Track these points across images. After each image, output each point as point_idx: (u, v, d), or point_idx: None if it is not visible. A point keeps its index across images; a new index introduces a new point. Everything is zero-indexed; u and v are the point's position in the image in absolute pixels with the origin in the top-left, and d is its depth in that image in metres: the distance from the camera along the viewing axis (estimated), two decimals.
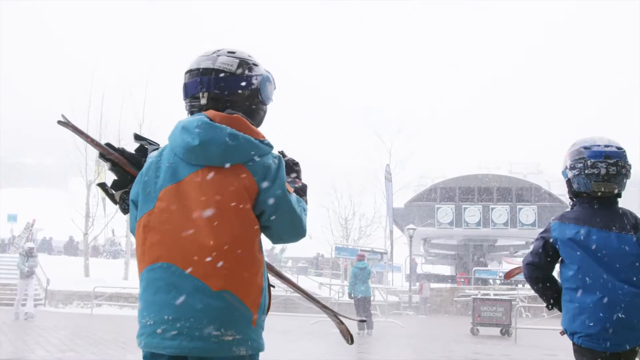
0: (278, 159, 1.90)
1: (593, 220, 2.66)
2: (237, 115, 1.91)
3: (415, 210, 35.96)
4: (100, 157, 2.11)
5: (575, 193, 2.77)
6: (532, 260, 2.79)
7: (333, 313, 2.44)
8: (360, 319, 2.80)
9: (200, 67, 1.98)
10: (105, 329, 13.00)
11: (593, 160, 2.65)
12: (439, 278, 36.22)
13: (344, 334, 2.45)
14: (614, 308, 2.55)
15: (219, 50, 2.02)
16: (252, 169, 1.84)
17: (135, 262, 1.95)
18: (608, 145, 2.68)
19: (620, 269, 2.58)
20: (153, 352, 1.83)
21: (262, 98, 2.03)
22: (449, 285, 30.59)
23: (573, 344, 2.67)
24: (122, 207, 2.08)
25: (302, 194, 2.03)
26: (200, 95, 1.96)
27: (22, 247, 22.68)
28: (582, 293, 2.61)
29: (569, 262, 2.67)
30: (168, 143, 1.93)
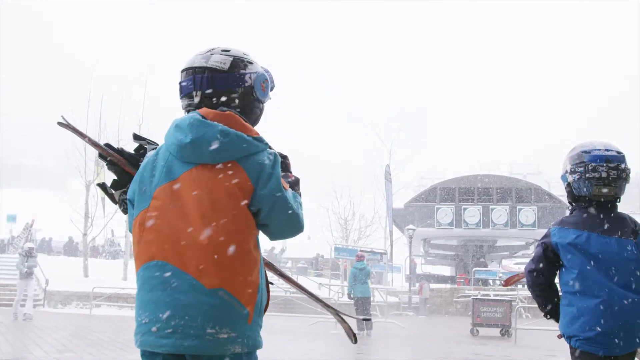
0: (273, 156, 1.89)
1: (593, 225, 2.66)
2: (229, 112, 1.89)
3: (415, 211, 35.93)
4: (100, 157, 2.11)
5: (575, 198, 2.77)
6: (534, 267, 2.77)
7: (335, 312, 2.43)
8: (364, 317, 2.83)
9: (194, 65, 1.98)
10: (104, 330, 12.98)
11: (594, 164, 2.65)
12: (439, 278, 36.21)
13: (348, 333, 2.44)
14: (612, 313, 2.55)
15: (214, 49, 2.01)
16: (246, 166, 1.83)
17: (134, 262, 1.96)
18: (608, 150, 2.68)
19: (619, 274, 2.58)
20: (149, 350, 1.83)
21: (256, 96, 2.01)
22: (449, 286, 30.54)
23: (570, 348, 2.67)
24: (121, 207, 2.09)
25: (296, 188, 2.01)
26: (194, 94, 1.96)
27: (21, 247, 22.66)
28: (580, 297, 2.61)
29: (569, 266, 2.66)
30: (164, 142, 1.94)
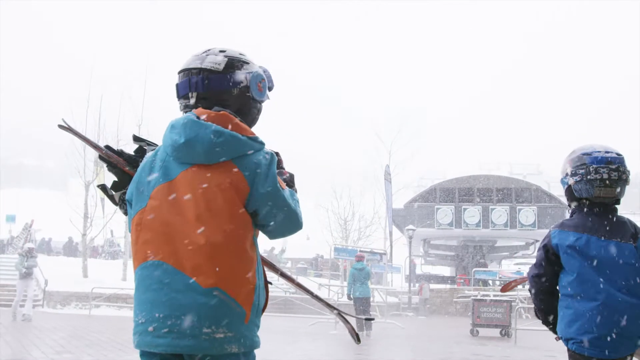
0: (270, 156, 1.88)
1: (593, 228, 2.66)
2: (223, 112, 1.90)
3: (415, 211, 35.89)
4: (100, 158, 2.13)
5: (575, 200, 2.76)
6: (538, 272, 2.76)
7: (338, 312, 2.43)
8: (367, 317, 2.80)
9: (190, 67, 1.98)
10: (103, 330, 12.95)
11: (595, 166, 2.65)
12: (439, 279, 36.18)
13: (351, 334, 2.43)
14: (610, 316, 2.55)
15: (210, 50, 2.01)
16: (242, 166, 1.83)
17: (132, 262, 1.97)
18: (608, 152, 2.69)
19: (618, 278, 2.58)
20: (146, 350, 1.83)
21: (253, 96, 2.00)
22: (449, 286, 30.50)
23: (568, 350, 2.68)
24: (122, 208, 2.09)
25: (291, 185, 2.02)
26: (190, 95, 1.97)
27: (20, 247, 22.63)
28: (578, 300, 2.62)
29: (568, 269, 2.67)
30: (162, 143, 1.96)
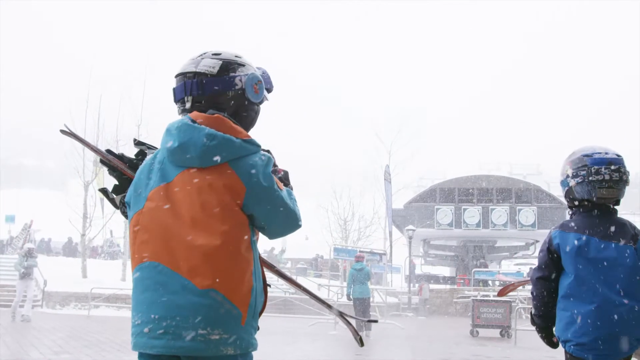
0: (266, 158, 1.88)
1: (593, 230, 2.65)
2: (217, 115, 1.89)
3: (415, 211, 35.85)
4: (101, 162, 2.16)
5: (576, 202, 2.75)
6: (542, 275, 2.73)
7: (339, 313, 2.41)
8: (370, 320, 2.77)
9: (185, 71, 1.99)
10: (102, 331, 12.92)
11: (597, 167, 2.66)
12: (439, 279, 36.14)
13: (354, 336, 2.41)
14: (607, 319, 2.54)
15: (205, 53, 2.02)
16: (237, 169, 1.83)
17: (130, 263, 1.98)
18: (608, 153, 2.70)
19: (617, 280, 2.58)
20: (141, 352, 1.82)
21: (248, 98, 1.99)
22: (449, 287, 30.47)
23: (565, 352, 2.67)
24: (122, 211, 2.10)
25: (287, 182, 2.02)
26: (185, 99, 1.98)
27: (20, 247, 22.60)
28: (576, 302, 2.61)
29: (567, 270, 2.66)
30: (160, 146, 1.97)
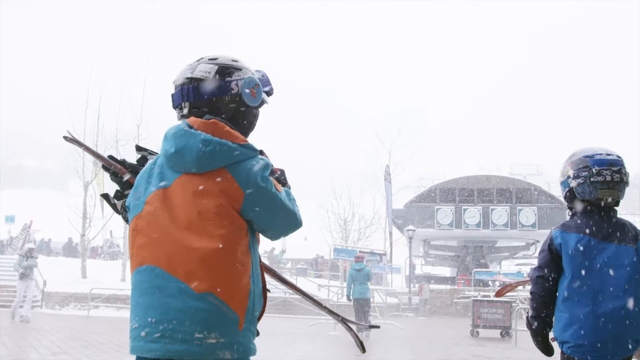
0: (264, 162, 1.88)
1: (594, 230, 2.64)
2: (214, 120, 1.89)
3: (415, 212, 35.82)
4: (103, 168, 2.18)
5: (577, 203, 2.74)
6: (542, 274, 2.71)
7: (341, 319, 2.39)
8: (371, 325, 2.74)
9: (182, 77, 2.00)
10: (101, 331, 12.89)
11: (598, 168, 2.65)
12: (439, 279, 36.09)
13: (356, 342, 2.42)
14: (607, 320, 2.53)
15: (202, 58, 2.02)
16: (234, 173, 1.83)
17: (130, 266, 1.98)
18: (609, 154, 2.70)
19: (616, 281, 2.56)
20: (139, 355, 1.81)
21: (245, 102, 1.98)
22: (449, 287, 30.42)
23: (562, 353, 2.66)
24: (123, 216, 2.11)
25: (284, 182, 2.01)
26: (183, 105, 1.98)
27: (20, 248, 22.57)
28: (576, 303, 2.59)
29: (567, 271, 2.64)
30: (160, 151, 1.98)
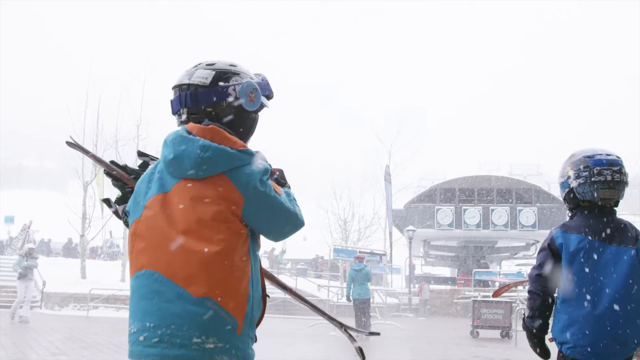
0: (263, 167, 1.87)
1: (594, 231, 2.63)
2: (212, 126, 1.89)
3: (415, 212, 35.81)
4: (105, 173, 2.19)
5: (576, 204, 2.73)
6: (542, 272, 2.67)
7: (340, 325, 2.40)
8: (371, 332, 2.71)
9: (180, 83, 2.00)
10: (100, 332, 12.87)
11: (599, 168, 2.65)
12: (439, 280, 36.05)
13: (357, 350, 2.39)
14: (606, 321, 2.52)
15: (199, 64, 2.02)
16: (234, 178, 1.83)
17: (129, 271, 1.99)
18: (609, 154, 2.71)
19: (615, 282, 2.55)
20: None
21: (243, 107, 1.97)
22: (449, 287, 30.38)
23: (559, 352, 2.65)
24: (124, 220, 2.11)
25: (283, 182, 2.01)
26: (181, 112, 1.99)
27: (19, 248, 22.53)
28: (575, 304, 2.58)
29: (567, 271, 2.62)
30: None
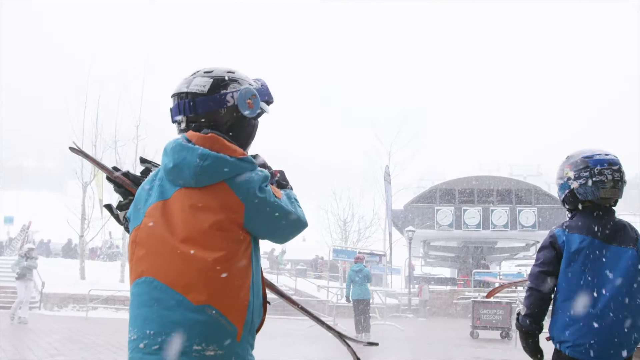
0: (262, 174, 1.87)
1: (595, 231, 2.63)
2: (211, 135, 1.88)
3: (415, 212, 35.77)
4: (107, 179, 2.20)
5: (576, 205, 2.72)
6: (545, 270, 2.65)
7: (339, 334, 2.38)
8: (369, 342, 2.68)
9: (178, 91, 2.00)
10: (99, 333, 12.84)
11: (599, 168, 2.66)
12: (439, 280, 36.02)
13: (354, 357, 2.39)
14: (606, 321, 2.52)
15: (197, 72, 2.02)
16: (234, 186, 1.82)
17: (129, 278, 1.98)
18: (607, 154, 2.71)
19: (616, 282, 2.55)
20: None
21: (242, 114, 1.97)
22: (449, 288, 30.35)
23: (557, 351, 2.63)
24: (125, 226, 2.11)
25: (285, 184, 2.01)
26: (180, 120, 1.99)
27: (19, 249, 22.50)
28: (575, 303, 2.57)
29: (567, 270, 2.61)
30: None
